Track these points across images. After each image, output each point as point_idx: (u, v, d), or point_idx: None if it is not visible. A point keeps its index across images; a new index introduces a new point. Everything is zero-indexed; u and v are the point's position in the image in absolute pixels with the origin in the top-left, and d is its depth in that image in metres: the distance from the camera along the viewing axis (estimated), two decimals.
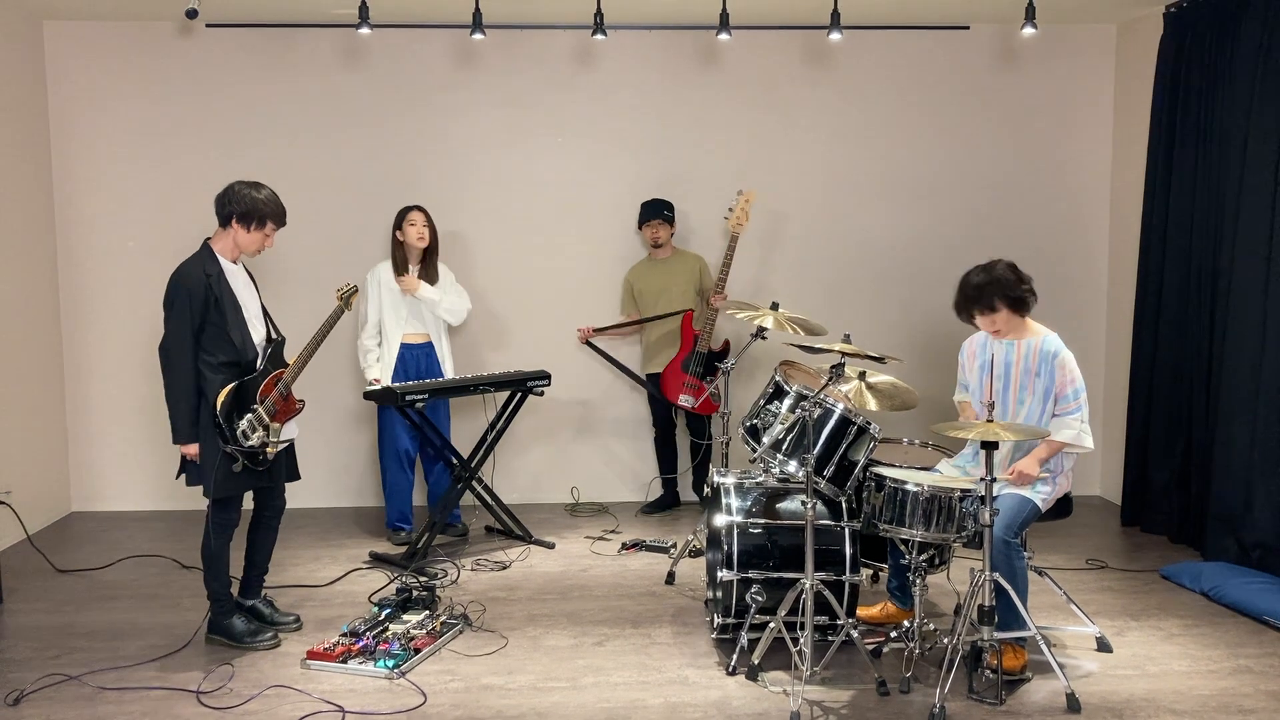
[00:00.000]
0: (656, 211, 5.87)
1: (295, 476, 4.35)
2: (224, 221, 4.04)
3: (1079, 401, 3.85)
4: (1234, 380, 5.00)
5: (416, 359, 5.43)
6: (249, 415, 3.98)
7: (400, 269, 5.36)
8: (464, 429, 5.97)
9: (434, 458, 5.56)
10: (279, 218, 4.09)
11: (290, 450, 4.30)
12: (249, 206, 3.99)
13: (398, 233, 5.39)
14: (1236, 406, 4.97)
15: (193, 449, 3.94)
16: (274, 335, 4.19)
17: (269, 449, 4.05)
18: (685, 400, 5.79)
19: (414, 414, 5.14)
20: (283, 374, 4.10)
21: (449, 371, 5.54)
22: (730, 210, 5.71)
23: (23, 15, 5.76)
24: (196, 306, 3.90)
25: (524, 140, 6.17)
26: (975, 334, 4.16)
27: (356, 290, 4.22)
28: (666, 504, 6.12)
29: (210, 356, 3.94)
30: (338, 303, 4.18)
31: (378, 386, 5.16)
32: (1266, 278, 4.80)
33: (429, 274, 5.45)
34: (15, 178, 5.67)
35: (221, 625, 4.13)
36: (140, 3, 5.63)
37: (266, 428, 4.03)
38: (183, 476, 4.09)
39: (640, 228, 5.96)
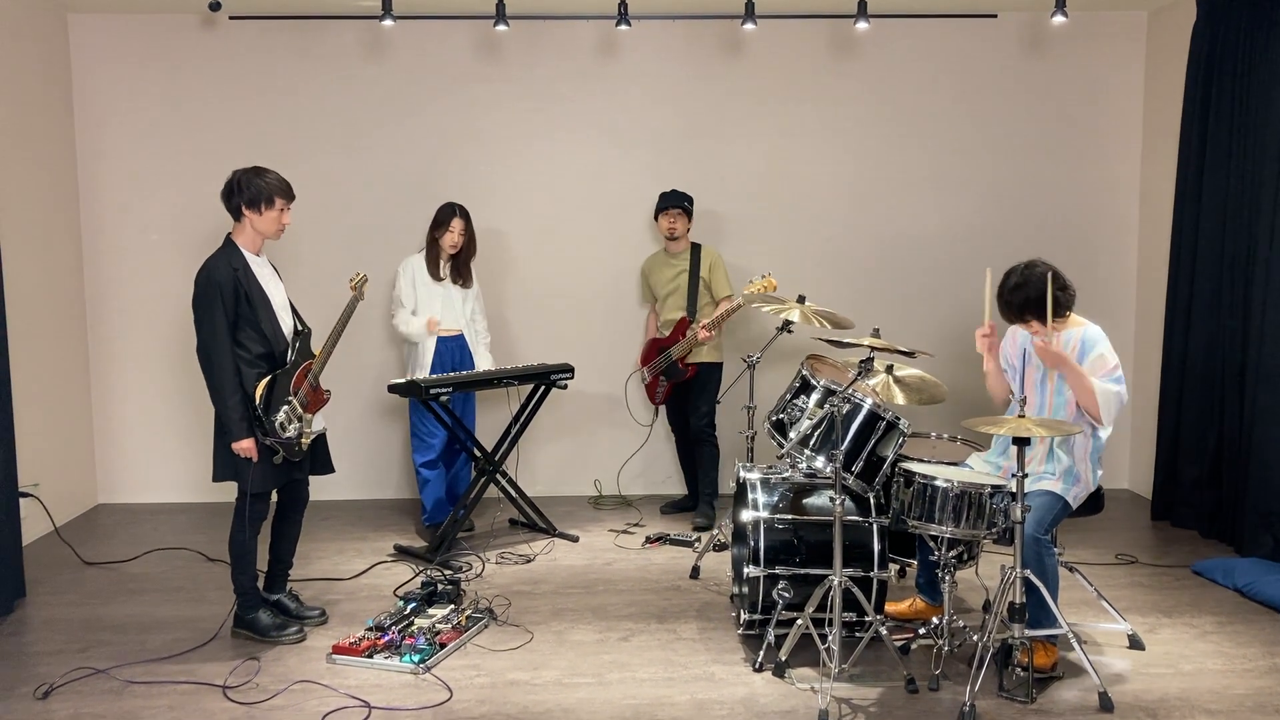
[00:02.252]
0: (676, 201, 5.59)
1: (329, 469, 4.36)
2: (235, 214, 4.03)
3: (1121, 379, 3.76)
4: (1270, 373, 4.91)
5: (451, 352, 5.44)
6: (285, 407, 3.98)
7: (434, 268, 5.36)
8: (487, 422, 5.97)
9: (456, 452, 5.56)
10: (286, 193, 4.05)
11: (322, 443, 4.31)
12: (254, 191, 3.98)
13: (435, 232, 5.37)
14: (1273, 400, 4.89)
15: (246, 444, 3.91)
16: (300, 327, 4.18)
17: (303, 439, 4.06)
18: (645, 373, 5.79)
19: (439, 407, 5.13)
20: (311, 365, 4.10)
21: (483, 359, 5.54)
22: (752, 281, 5.18)
23: (48, 8, 5.77)
24: (228, 300, 3.90)
25: (547, 132, 6.14)
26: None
27: (367, 279, 4.25)
28: (690, 507, 5.96)
29: (244, 351, 3.93)
30: (352, 293, 4.19)
31: (403, 380, 5.15)
32: None
33: (462, 276, 5.45)
34: (41, 171, 5.69)
35: (247, 619, 4.13)
36: None
37: (301, 419, 4.04)
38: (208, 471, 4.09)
39: (656, 218, 5.70)
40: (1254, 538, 4.97)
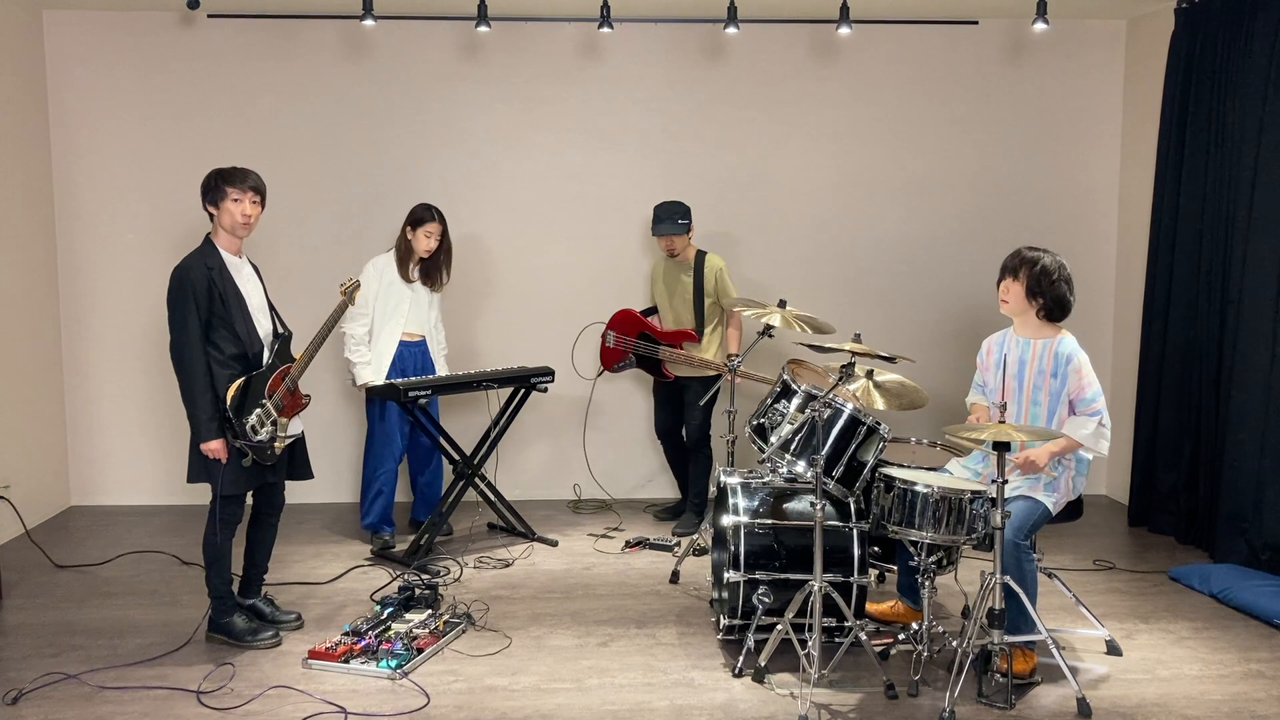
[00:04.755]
0: (670, 220, 5.41)
1: (308, 475, 4.30)
2: (209, 215, 4.01)
3: (1099, 404, 3.80)
4: (1244, 380, 4.95)
5: (414, 356, 5.37)
6: (257, 410, 3.94)
7: (404, 268, 5.28)
8: (466, 425, 5.93)
9: (426, 457, 5.51)
10: (234, 179, 3.96)
11: (301, 448, 4.26)
12: (210, 187, 3.97)
13: (408, 230, 5.27)
14: (1247, 407, 4.93)
15: (215, 445, 3.87)
16: (280, 329, 4.14)
17: (277, 444, 4.01)
18: (609, 336, 5.73)
19: (417, 410, 5.09)
20: (290, 369, 4.06)
21: (441, 368, 5.48)
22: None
23: (22, 5, 5.70)
24: (201, 300, 3.86)
25: (527, 134, 6.12)
26: (994, 333, 4.12)
27: (359, 284, 4.20)
28: (683, 511, 5.79)
29: (217, 351, 3.89)
30: (341, 297, 4.15)
31: (379, 383, 5.11)
32: (1279, 277, 4.76)
33: (431, 280, 5.37)
34: (14, 169, 5.61)
35: (222, 623, 4.09)
36: None
37: (274, 422, 3.99)
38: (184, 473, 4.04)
39: (654, 234, 5.55)
40: (1227, 543, 5.01)
